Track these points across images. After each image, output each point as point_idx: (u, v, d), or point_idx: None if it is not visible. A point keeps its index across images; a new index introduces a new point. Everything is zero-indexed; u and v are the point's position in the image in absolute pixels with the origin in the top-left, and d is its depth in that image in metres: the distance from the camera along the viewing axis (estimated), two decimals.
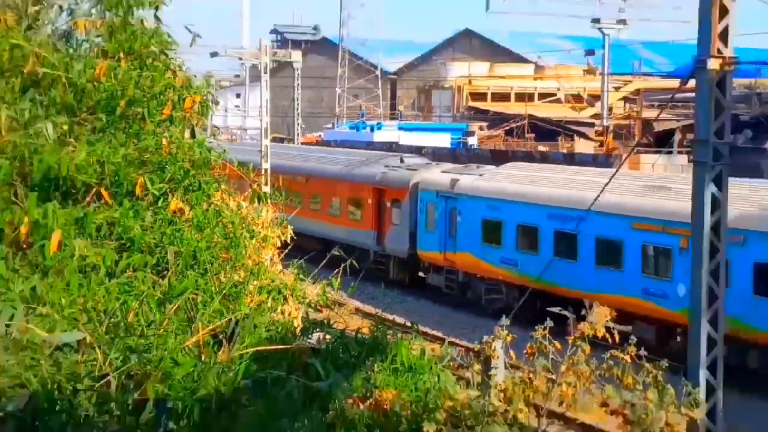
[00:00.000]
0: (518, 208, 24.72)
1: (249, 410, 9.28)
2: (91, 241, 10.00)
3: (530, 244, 24.84)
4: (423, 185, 27.29)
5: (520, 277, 24.54)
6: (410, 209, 27.40)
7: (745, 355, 21.29)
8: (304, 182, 33.86)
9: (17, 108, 9.85)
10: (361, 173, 30.94)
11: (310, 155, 40.35)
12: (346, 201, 31.34)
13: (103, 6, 10.46)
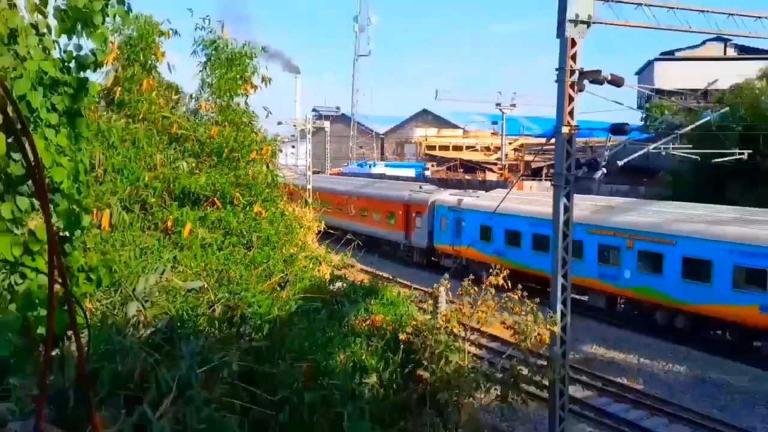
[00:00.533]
0: (504, 218, 29.25)
1: (298, 326, 11.90)
2: (208, 229, 12.91)
3: (514, 241, 30.54)
4: (438, 202, 35.52)
5: (507, 264, 27.55)
6: (429, 218, 35.78)
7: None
8: (355, 199, 44.41)
9: (166, 152, 12.93)
10: (395, 194, 40.01)
11: (360, 183, 50.01)
12: (384, 212, 40.29)
13: (215, 96, 13.78)
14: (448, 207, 34.68)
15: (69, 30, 6.87)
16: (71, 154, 7.36)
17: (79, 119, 7.30)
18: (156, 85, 13.70)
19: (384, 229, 40.76)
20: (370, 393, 11.69)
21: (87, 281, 8.23)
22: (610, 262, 26.59)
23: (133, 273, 11.20)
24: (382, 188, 44.87)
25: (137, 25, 13.31)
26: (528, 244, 29.97)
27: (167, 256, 12.48)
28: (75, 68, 7.14)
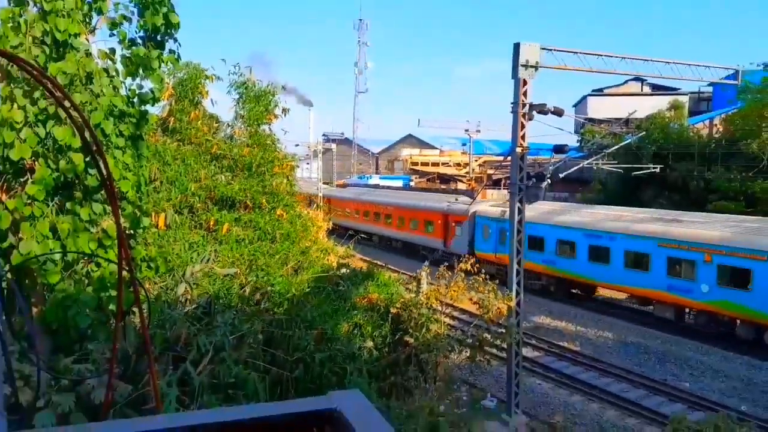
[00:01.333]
0: (555, 229, 25.63)
1: (310, 302, 11.97)
2: (241, 228, 12.85)
3: (567, 251, 25.24)
4: (479, 213, 30.53)
5: (557, 272, 25.37)
6: (469, 227, 31.13)
7: None
8: (393, 209, 38.59)
9: (208, 168, 12.94)
10: (433, 205, 35.09)
11: (397, 195, 43.94)
12: (422, 221, 35.56)
13: (246, 124, 13.86)
14: (491, 218, 29.26)
15: (132, 73, 6.94)
16: (135, 170, 7.41)
17: (141, 142, 7.33)
18: (201, 116, 13.73)
19: (422, 236, 35.75)
20: (368, 354, 11.73)
21: (148, 268, 8.26)
22: (682, 275, 20.88)
23: (184, 262, 11.17)
24: (419, 200, 39.54)
25: (187, 69, 13.40)
26: (583, 254, 24.60)
27: (209, 248, 12.45)
28: (137, 103, 7.20)
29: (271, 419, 1.58)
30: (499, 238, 28.04)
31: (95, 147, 2.13)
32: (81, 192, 6.48)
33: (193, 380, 6.88)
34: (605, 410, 14.96)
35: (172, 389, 6.39)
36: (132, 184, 7.10)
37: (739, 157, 29.73)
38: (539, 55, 13.50)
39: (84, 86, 6.38)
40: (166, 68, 8.57)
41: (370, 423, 1.51)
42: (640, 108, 36.60)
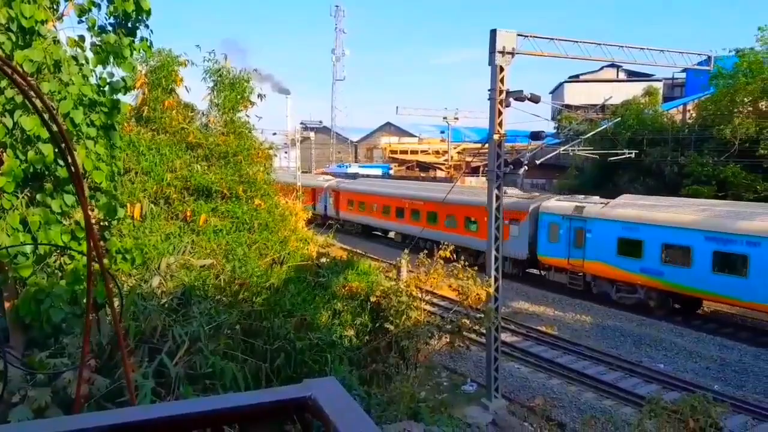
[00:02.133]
0: (662, 230, 20.41)
1: (290, 291, 11.95)
2: (218, 218, 12.74)
3: (679, 259, 20.11)
4: (544, 210, 24.68)
5: (664, 284, 20.52)
6: (530, 226, 25.29)
7: None
8: (421, 204, 32.48)
9: (184, 157, 12.69)
10: (477, 200, 27.69)
11: (420, 186, 37.42)
12: (461, 218, 29.53)
13: (221, 112, 13.69)
14: (561, 215, 23.98)
15: (103, 61, 6.78)
16: (108, 160, 7.27)
17: (113, 132, 7.18)
18: (175, 104, 13.50)
19: (461, 236, 29.21)
20: (348, 342, 11.77)
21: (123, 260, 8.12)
22: None
23: (160, 254, 11.07)
24: (457, 193, 30.80)
25: (160, 57, 13.14)
26: (704, 262, 19.36)
27: (186, 239, 12.35)
28: (109, 91, 7.04)
29: (244, 408, 1.57)
30: (574, 239, 23.45)
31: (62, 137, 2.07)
32: (52, 183, 6.34)
33: (170, 372, 6.82)
34: (583, 393, 15.21)
35: (148, 381, 6.32)
36: (105, 175, 6.96)
37: (711, 142, 30.26)
38: (516, 42, 13.52)
39: (53, 75, 6.23)
40: (138, 56, 8.40)
41: (345, 410, 1.51)
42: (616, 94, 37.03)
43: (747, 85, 27.83)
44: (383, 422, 9.30)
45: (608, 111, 39.98)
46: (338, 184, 42.83)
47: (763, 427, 13.27)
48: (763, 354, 17.64)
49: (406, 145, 73.45)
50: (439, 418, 10.72)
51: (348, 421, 1.45)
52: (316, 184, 44.69)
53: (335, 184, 43.26)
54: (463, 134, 69.16)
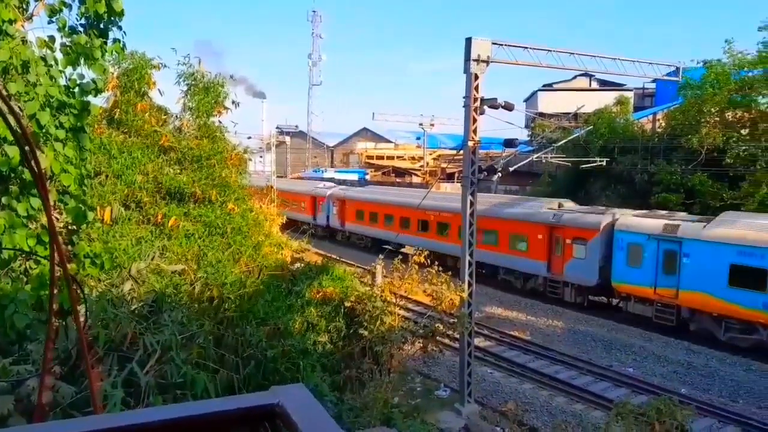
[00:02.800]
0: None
1: (264, 298, 11.72)
2: (191, 222, 12.43)
3: None
4: (622, 227, 21.01)
5: None
6: (601, 247, 21.56)
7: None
8: (451, 216, 27.44)
9: (156, 161, 12.47)
10: (526, 214, 25.06)
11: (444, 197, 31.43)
12: (505, 234, 25.60)
13: (195, 116, 13.51)
14: (646, 234, 20.17)
15: (73, 62, 6.63)
16: (77, 163, 7.11)
17: (82, 135, 7.03)
18: (148, 108, 13.28)
19: (507, 255, 25.50)
20: (322, 348, 11.69)
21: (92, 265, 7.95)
22: None
23: (131, 258, 10.80)
24: (502, 206, 27.35)
25: (133, 59, 12.96)
26: None
27: (158, 244, 12.10)
28: (79, 93, 6.88)
29: (210, 416, 1.55)
30: (664, 264, 19.83)
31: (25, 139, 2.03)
32: (18, 186, 6.19)
33: (140, 380, 6.68)
34: (554, 397, 15.37)
35: (117, 391, 6.18)
36: (74, 178, 6.81)
37: (680, 150, 30.93)
38: (490, 50, 13.71)
39: (20, 75, 6.08)
40: (110, 58, 8.26)
41: (313, 417, 1.51)
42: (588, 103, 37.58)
43: (714, 96, 28.53)
44: (356, 428, 9.26)
45: (581, 119, 40.63)
46: (344, 192, 38.82)
47: (728, 430, 13.56)
48: (729, 358, 18.05)
49: (382, 150, 73.71)
50: (411, 423, 10.73)
51: (316, 428, 1.44)
52: (316, 192, 40.72)
53: (340, 192, 39.26)
54: (438, 141, 69.71)
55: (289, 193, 42.99)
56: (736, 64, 28.43)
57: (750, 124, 29.44)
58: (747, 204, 25.52)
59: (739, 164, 26.99)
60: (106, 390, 6.02)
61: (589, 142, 34.80)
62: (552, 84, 59.05)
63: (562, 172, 38.05)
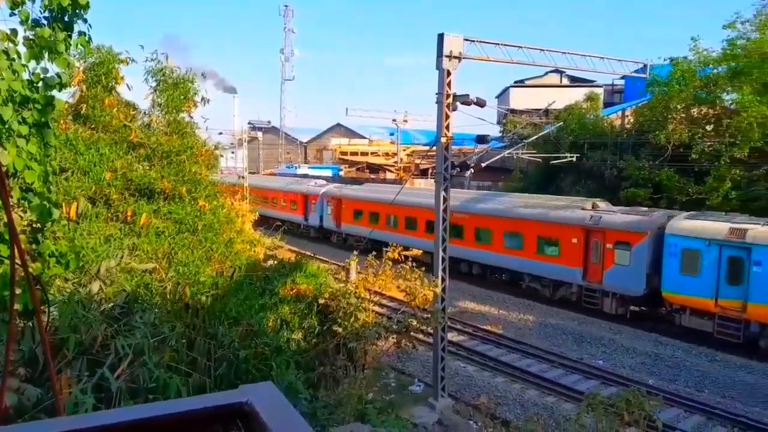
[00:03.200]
0: None
1: (237, 297, 11.85)
2: (161, 219, 12.41)
3: None
4: (674, 231, 18.97)
5: None
6: (649, 253, 19.73)
7: None
8: (467, 218, 25.70)
9: (125, 158, 12.38)
10: (561, 216, 22.86)
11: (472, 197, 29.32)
12: (531, 238, 23.81)
13: (164, 112, 13.38)
14: (705, 239, 18.19)
15: (36, 56, 6.43)
16: (42, 159, 6.91)
17: (47, 130, 6.81)
18: (116, 103, 13.07)
19: (535, 260, 23.62)
20: (296, 346, 11.66)
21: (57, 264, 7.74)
22: None
23: (100, 257, 10.58)
24: (521, 204, 25.30)
25: (99, 54, 12.72)
26: None
27: (127, 242, 11.94)
28: (43, 88, 6.68)
29: (178, 416, 1.54)
30: (728, 273, 17.99)
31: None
32: None
33: (111, 385, 6.54)
34: (526, 390, 15.57)
35: (87, 396, 6.04)
36: (38, 175, 6.62)
37: (648, 146, 31.56)
38: (463, 46, 13.75)
39: None
40: (75, 52, 8.08)
41: (282, 415, 1.50)
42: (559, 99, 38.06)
43: (680, 93, 29.17)
44: (330, 425, 9.27)
45: (551, 115, 41.14)
46: (340, 191, 36.71)
47: (694, 419, 13.93)
48: (694, 349, 18.52)
49: (356, 146, 73.46)
50: (386, 419, 10.77)
51: (285, 426, 1.44)
52: (307, 190, 38.40)
53: (335, 190, 37.20)
54: (412, 137, 69.85)
55: (273, 191, 41.85)
56: (701, 62, 29.08)
57: (714, 120, 30.18)
58: (711, 198, 26.19)
59: (704, 159, 27.65)
60: (76, 396, 5.87)
61: (560, 137, 35.27)
62: (524, 80, 59.68)
63: (534, 168, 38.52)
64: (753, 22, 27.01)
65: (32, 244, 7.32)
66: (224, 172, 15.20)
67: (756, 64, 25.85)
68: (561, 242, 22.70)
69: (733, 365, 17.21)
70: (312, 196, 37.81)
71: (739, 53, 27.05)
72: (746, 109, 25.13)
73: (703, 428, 13.54)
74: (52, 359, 6.28)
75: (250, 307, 11.40)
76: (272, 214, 40.00)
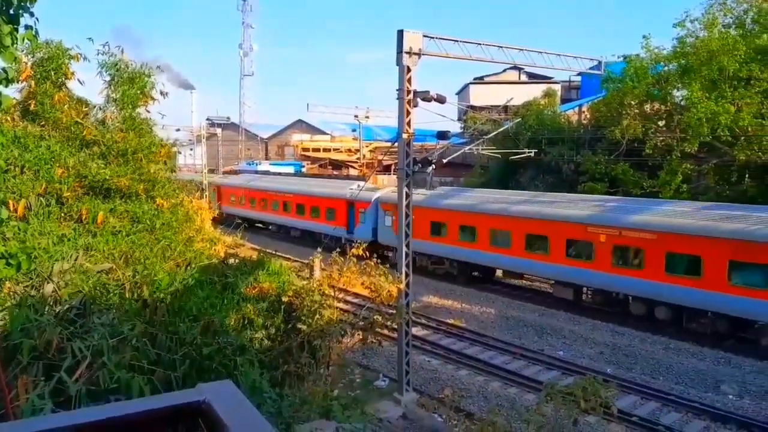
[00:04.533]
0: None
1: (197, 295, 11.46)
2: (117, 218, 11.93)
3: None
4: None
5: None
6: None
7: None
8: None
9: (78, 155, 11.87)
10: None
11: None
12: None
13: (119, 107, 12.85)
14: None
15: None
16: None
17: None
18: (67, 99, 12.61)
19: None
20: (259, 345, 11.51)
21: (7, 266, 7.50)
22: None
23: (53, 258, 10.18)
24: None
25: (48, 48, 12.27)
26: None
27: (82, 242, 11.47)
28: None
29: (135, 416, 1.50)
30: None
31: None
32: None
33: (69, 388, 6.34)
34: (490, 382, 15.82)
35: (45, 401, 5.83)
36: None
37: (604, 141, 32.37)
38: (422, 43, 13.83)
39: None
40: (22, 46, 7.77)
41: (240, 413, 1.49)
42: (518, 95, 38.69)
43: (633, 89, 30.01)
44: (295, 423, 9.20)
45: (510, 111, 41.78)
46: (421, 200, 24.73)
47: (650, 405, 14.40)
48: (650, 338, 19.12)
49: (318, 143, 73.18)
50: (351, 414, 10.75)
51: (242, 423, 1.43)
52: (351, 195, 30.65)
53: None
54: (375, 133, 69.88)
55: (290, 195, 36.56)
56: (653, 59, 29.95)
57: (666, 115, 31.17)
58: (664, 192, 27.05)
59: (657, 154, 28.52)
60: (33, 401, 5.66)
61: (519, 133, 35.85)
62: (483, 77, 60.36)
63: (494, 163, 39.05)
64: (701, 20, 27.95)
65: None
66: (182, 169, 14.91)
67: (704, 62, 26.77)
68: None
69: (685, 352, 17.83)
70: (360, 203, 30.70)
71: (689, 51, 27.96)
72: (695, 105, 26.02)
73: (657, 414, 13.99)
74: (6, 366, 6.05)
75: (211, 305, 11.18)
76: (274, 219, 38.25)
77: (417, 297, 21.79)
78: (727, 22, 28.10)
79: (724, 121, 25.43)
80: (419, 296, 23.18)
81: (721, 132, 26.19)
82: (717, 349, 17.90)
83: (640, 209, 20.39)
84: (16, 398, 5.56)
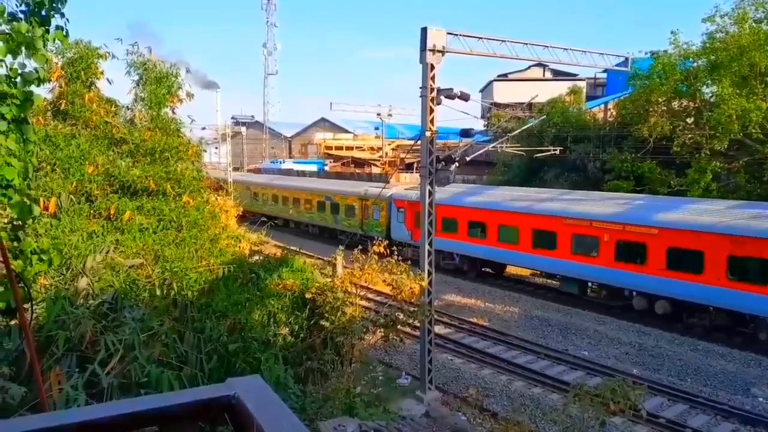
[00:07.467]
0: None
1: (223, 291, 11.69)
2: (144, 216, 12.21)
3: None
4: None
5: None
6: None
7: None
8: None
9: (107, 153, 12.26)
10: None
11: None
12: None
13: (147, 107, 13.19)
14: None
15: (13, 51, 6.33)
16: (21, 156, 6.82)
17: (26, 126, 6.71)
18: (96, 98, 12.89)
19: None
20: (283, 341, 11.62)
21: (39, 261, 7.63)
22: None
23: (82, 254, 10.45)
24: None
25: (78, 48, 12.55)
26: None
27: (110, 238, 11.80)
28: (21, 83, 6.59)
29: (165, 410, 1.52)
30: None
31: None
32: None
33: (102, 381, 6.49)
34: (513, 381, 15.70)
35: (79, 393, 5.98)
36: (18, 171, 6.52)
37: (630, 139, 31.87)
38: (446, 40, 13.76)
39: None
40: (53, 47, 7.95)
41: (269, 408, 1.50)
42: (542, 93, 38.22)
43: (661, 86, 29.47)
44: (319, 419, 9.27)
45: (535, 109, 41.35)
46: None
47: (677, 407, 14.14)
48: (677, 339, 18.78)
49: (341, 141, 73.32)
50: (374, 412, 10.79)
51: (272, 419, 1.43)
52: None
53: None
54: (397, 131, 69.83)
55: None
56: (681, 55, 29.37)
57: (695, 113, 30.54)
58: (692, 191, 26.52)
59: (685, 152, 27.98)
60: (68, 393, 5.80)
61: (543, 131, 35.48)
62: (507, 74, 59.82)
63: (517, 161, 38.70)
64: (731, 15, 27.31)
65: (13, 241, 7.22)
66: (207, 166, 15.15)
67: (734, 58, 26.17)
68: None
69: (714, 354, 17.48)
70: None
71: (718, 46, 27.36)
72: (725, 102, 25.44)
73: (686, 416, 13.74)
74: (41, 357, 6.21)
75: (236, 302, 11.32)
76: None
77: (440, 295, 21.74)
78: (759, 17, 27.40)
79: (755, 118, 24.85)
80: (442, 294, 23.10)
81: (752, 129, 25.58)
82: (747, 351, 17.52)
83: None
84: (49, 389, 5.71)
